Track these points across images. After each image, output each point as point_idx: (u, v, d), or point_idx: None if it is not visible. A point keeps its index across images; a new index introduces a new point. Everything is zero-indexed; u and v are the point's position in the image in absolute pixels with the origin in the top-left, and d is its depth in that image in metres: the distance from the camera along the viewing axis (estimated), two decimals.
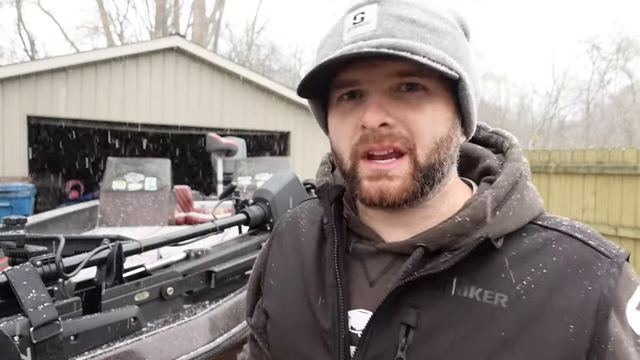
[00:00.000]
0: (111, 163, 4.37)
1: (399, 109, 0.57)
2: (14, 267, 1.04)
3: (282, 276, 0.72)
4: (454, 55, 0.57)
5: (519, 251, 0.58)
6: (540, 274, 0.56)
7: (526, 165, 0.65)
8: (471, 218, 0.58)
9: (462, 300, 0.57)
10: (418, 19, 0.56)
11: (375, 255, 0.64)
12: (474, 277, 0.57)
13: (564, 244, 0.58)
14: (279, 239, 0.77)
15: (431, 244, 0.59)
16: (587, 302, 0.53)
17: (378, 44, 0.54)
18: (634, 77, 23.20)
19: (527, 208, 0.61)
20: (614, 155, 5.48)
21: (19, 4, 19.74)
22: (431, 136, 0.57)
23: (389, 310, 0.58)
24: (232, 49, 23.96)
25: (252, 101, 9.98)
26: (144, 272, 1.40)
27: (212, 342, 1.22)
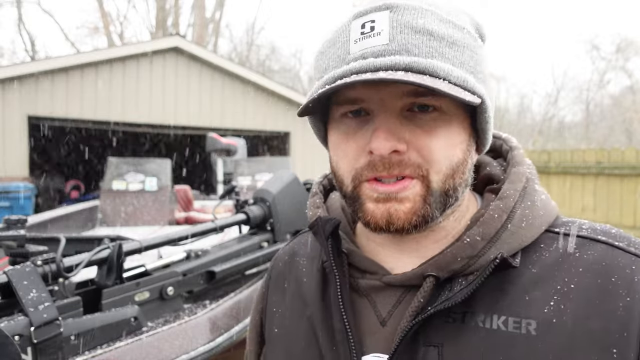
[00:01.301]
0: (111, 163, 4.37)
1: (411, 132, 0.51)
2: (14, 266, 1.05)
3: (287, 324, 0.65)
4: (474, 72, 0.52)
5: (540, 266, 0.51)
6: (567, 290, 0.49)
7: (531, 167, 0.59)
8: (482, 236, 0.52)
9: (485, 332, 0.49)
10: (436, 30, 0.50)
11: (382, 290, 0.57)
12: (494, 303, 0.50)
13: (588, 250, 0.51)
14: (276, 281, 0.70)
15: (442, 271, 0.52)
16: (627, 318, 0.46)
17: (392, 63, 0.48)
18: (633, 77, 23.20)
19: (541, 215, 0.54)
20: (613, 156, 5.49)
21: (19, 4, 19.75)
22: (447, 161, 0.51)
23: (406, 352, 0.51)
24: (232, 49, 23.97)
25: (252, 101, 9.98)
26: (144, 272, 1.40)
27: (212, 342, 1.22)
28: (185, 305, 1.47)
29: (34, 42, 20.93)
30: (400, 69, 0.48)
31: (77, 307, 1.13)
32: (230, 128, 9.63)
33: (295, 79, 25.14)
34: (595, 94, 24.23)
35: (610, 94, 24.31)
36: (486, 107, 0.53)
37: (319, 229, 0.60)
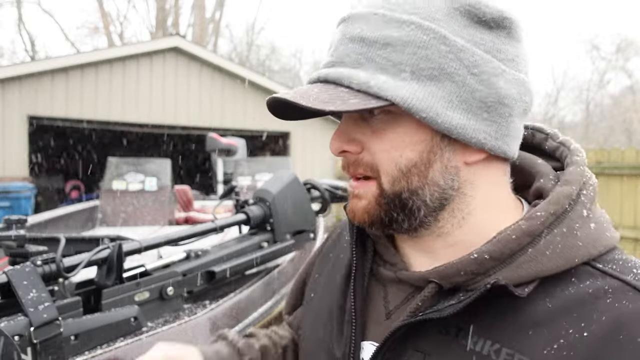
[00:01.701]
0: (111, 163, 4.37)
1: (364, 134, 0.53)
2: (14, 266, 1.05)
3: (320, 293, 0.69)
4: (412, 68, 0.48)
5: (558, 301, 0.46)
6: (578, 337, 0.44)
7: (590, 188, 0.52)
8: (490, 255, 0.49)
9: (473, 355, 0.47)
10: (369, 35, 0.49)
11: (396, 283, 0.57)
12: (493, 328, 0.48)
13: (623, 299, 0.44)
14: (327, 250, 0.74)
15: (444, 281, 0.51)
16: None
17: (318, 76, 0.52)
18: (633, 77, 23.20)
19: (578, 246, 0.48)
20: (613, 156, 5.49)
21: (19, 4, 19.75)
22: (393, 163, 0.51)
23: (393, 349, 0.52)
24: (232, 49, 23.97)
25: (252, 101, 9.98)
26: (144, 272, 1.40)
27: None
28: (185, 305, 1.47)
29: (34, 42, 20.93)
30: (321, 80, 0.52)
31: (77, 307, 1.13)
32: (230, 128, 9.63)
33: (295, 79, 25.14)
34: (595, 94, 24.23)
35: (610, 94, 24.31)
36: (410, 108, 0.48)
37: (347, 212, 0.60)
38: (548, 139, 0.61)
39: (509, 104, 0.51)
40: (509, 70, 0.51)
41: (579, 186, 0.51)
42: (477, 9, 0.50)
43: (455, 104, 0.49)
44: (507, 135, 0.52)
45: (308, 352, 0.66)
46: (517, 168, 0.58)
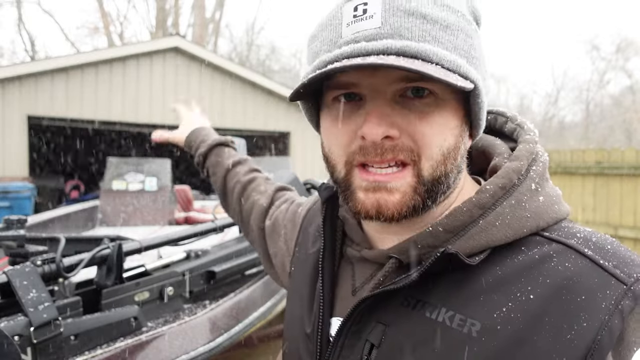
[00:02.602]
0: (111, 163, 4.37)
1: (404, 118, 0.50)
2: (14, 266, 1.04)
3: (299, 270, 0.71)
4: (468, 57, 0.50)
5: (507, 269, 0.48)
6: (524, 300, 0.46)
7: (540, 164, 0.54)
8: (444, 227, 0.51)
9: (429, 323, 0.49)
10: (429, 12, 0.48)
11: (362, 262, 0.60)
12: (448, 297, 0.50)
13: (566, 262, 0.47)
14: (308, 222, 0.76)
15: (403, 255, 0.53)
16: (575, 344, 0.43)
17: (384, 48, 0.47)
18: (633, 77, 23.20)
19: (526, 217, 0.50)
20: (613, 156, 5.49)
21: (19, 4, 19.75)
22: (438, 147, 0.50)
23: (359, 322, 0.54)
24: (232, 49, 23.97)
25: (252, 101, 9.98)
26: (144, 272, 1.40)
27: (212, 342, 1.22)
28: (185, 305, 1.47)
29: (33, 42, 20.93)
30: (392, 53, 0.47)
31: (77, 307, 1.13)
32: (230, 128, 9.63)
33: (295, 79, 25.13)
34: (595, 94, 24.24)
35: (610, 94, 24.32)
36: (479, 92, 0.51)
37: (320, 193, 0.64)
38: (507, 122, 0.63)
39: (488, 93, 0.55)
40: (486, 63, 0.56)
41: (527, 162, 0.53)
42: (476, 10, 0.54)
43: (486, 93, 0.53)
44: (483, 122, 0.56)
45: (288, 327, 0.69)
46: (480, 150, 0.61)
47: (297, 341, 0.64)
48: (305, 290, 0.65)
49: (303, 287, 0.67)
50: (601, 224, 5.63)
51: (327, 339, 0.59)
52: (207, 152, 1.05)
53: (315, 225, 0.72)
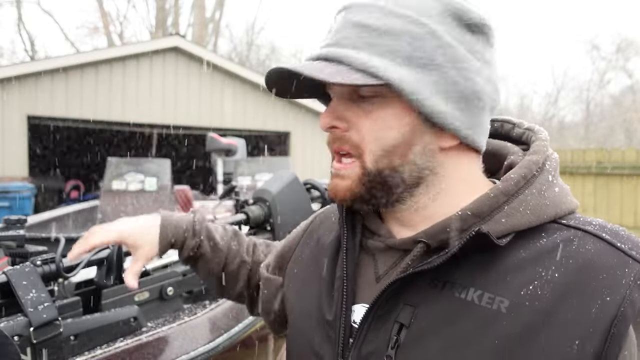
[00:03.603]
0: (111, 163, 4.37)
1: (354, 114, 0.58)
2: (14, 266, 1.04)
3: (305, 267, 0.75)
4: (409, 57, 0.54)
5: (531, 251, 0.53)
6: (551, 278, 0.50)
7: (553, 160, 0.59)
8: (472, 212, 0.55)
9: (459, 302, 0.53)
10: (371, 23, 0.55)
11: (385, 251, 0.63)
12: (476, 277, 0.53)
13: (586, 245, 0.52)
14: (311, 233, 0.79)
15: (432, 239, 0.57)
16: (600, 316, 0.47)
17: (317, 55, 0.57)
18: (633, 77, 23.21)
19: (546, 205, 0.55)
20: (613, 156, 5.49)
21: (19, 4, 19.75)
22: (378, 142, 0.56)
23: (385, 306, 0.57)
24: (232, 49, 23.97)
25: (252, 101, 9.98)
26: (144, 272, 1.40)
27: (212, 342, 1.22)
28: (185, 305, 1.47)
29: (33, 42, 20.94)
30: (321, 58, 0.57)
31: (76, 307, 1.12)
32: (230, 128, 9.63)
33: None
34: (596, 94, 24.24)
35: (610, 94, 24.32)
36: (402, 90, 0.53)
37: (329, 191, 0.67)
38: (515, 128, 0.68)
39: (483, 99, 0.57)
40: (485, 70, 0.58)
41: (544, 156, 0.59)
42: (464, 13, 0.56)
43: (439, 92, 0.55)
44: (478, 126, 0.59)
45: (297, 321, 0.71)
46: (490, 154, 0.65)
47: (312, 331, 0.66)
48: (325, 280, 0.67)
49: (318, 279, 0.69)
50: None
51: (349, 325, 0.61)
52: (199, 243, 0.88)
53: (323, 230, 0.76)
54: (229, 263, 0.89)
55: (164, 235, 0.86)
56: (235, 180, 4.90)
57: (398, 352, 0.55)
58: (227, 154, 5.65)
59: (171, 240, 0.87)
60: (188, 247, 0.88)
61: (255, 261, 0.91)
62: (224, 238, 0.91)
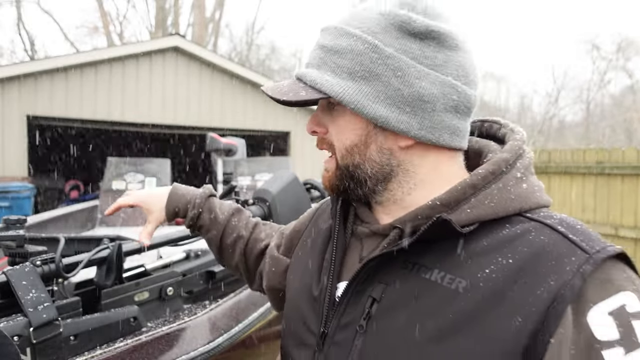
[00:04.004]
0: (111, 163, 4.37)
1: (327, 120, 0.70)
2: (13, 267, 1.04)
3: (306, 251, 0.83)
4: (352, 72, 0.62)
5: (493, 240, 0.58)
6: (506, 263, 0.56)
7: (525, 159, 0.65)
8: (441, 202, 0.62)
9: (424, 282, 0.60)
10: (328, 44, 0.65)
11: (370, 237, 0.71)
12: (441, 261, 0.60)
13: (542, 235, 0.57)
14: (316, 220, 0.88)
15: (406, 225, 0.64)
16: (543, 297, 0.52)
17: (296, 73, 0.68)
18: (634, 77, 23.21)
19: (511, 199, 0.60)
20: (614, 155, 5.48)
21: (18, 4, 19.74)
22: (340, 142, 0.68)
23: (363, 283, 0.65)
24: (232, 49, 23.97)
25: (252, 101, 9.98)
26: (144, 272, 1.39)
27: (212, 342, 1.21)
28: (185, 306, 1.47)
29: (33, 42, 20.93)
30: (296, 77, 0.68)
31: (76, 307, 1.12)
32: (230, 128, 9.62)
33: None
34: (596, 94, 24.24)
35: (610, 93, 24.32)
36: (342, 100, 0.62)
37: None
38: (501, 128, 0.74)
39: (430, 101, 0.62)
40: (434, 73, 0.62)
41: (515, 155, 0.64)
42: (407, 24, 0.62)
43: (381, 99, 0.62)
44: (433, 127, 0.63)
45: (293, 296, 0.80)
46: (477, 152, 0.72)
47: (303, 306, 0.75)
48: (314, 261, 0.77)
49: (310, 259, 0.78)
50: (602, 224, 5.62)
51: (333, 300, 0.69)
52: (199, 214, 1.00)
53: (322, 220, 0.84)
54: (225, 235, 1.00)
55: (170, 203, 1.02)
56: (235, 180, 4.90)
57: (369, 322, 0.63)
58: (227, 154, 5.64)
59: (175, 208, 1.02)
60: (189, 216, 1.01)
61: (255, 238, 1.00)
62: (224, 213, 1.01)
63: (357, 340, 0.63)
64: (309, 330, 0.72)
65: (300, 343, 0.73)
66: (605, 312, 0.50)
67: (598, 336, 0.49)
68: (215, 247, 1.03)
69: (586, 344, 0.49)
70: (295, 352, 0.75)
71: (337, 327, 0.66)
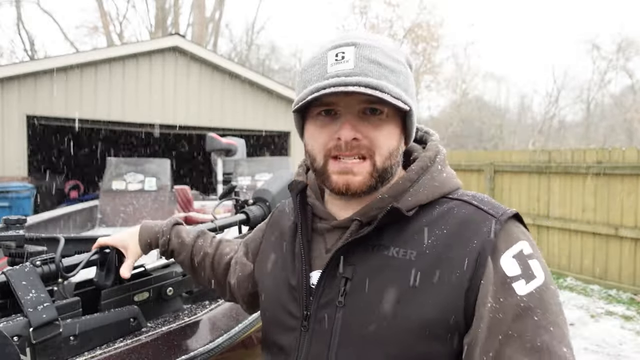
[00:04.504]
0: (111, 163, 4.37)
1: (365, 127, 0.77)
2: (13, 267, 1.04)
3: (271, 251, 0.96)
4: (406, 90, 0.78)
5: (429, 217, 0.76)
6: (441, 233, 0.74)
7: (442, 154, 0.85)
8: (389, 194, 0.79)
9: (385, 257, 0.75)
10: (383, 61, 0.75)
11: (331, 231, 0.84)
12: (395, 239, 0.76)
13: (462, 209, 0.76)
14: (272, 223, 1.02)
15: (363, 217, 0.79)
16: (471, 252, 0.70)
17: (357, 81, 0.73)
18: (634, 76, 23.19)
19: (436, 186, 0.79)
20: (614, 155, 5.48)
21: (18, 4, 19.74)
22: (386, 147, 0.78)
23: (334, 268, 0.78)
24: (232, 49, 23.98)
25: (252, 101, 9.98)
26: (144, 272, 1.39)
27: (212, 342, 1.21)
28: (185, 306, 1.47)
29: (33, 42, 20.94)
30: (362, 85, 0.73)
31: (76, 307, 1.12)
32: (230, 128, 9.62)
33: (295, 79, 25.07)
34: (596, 94, 24.23)
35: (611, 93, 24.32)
36: (412, 114, 0.79)
37: (293, 188, 0.91)
38: (418, 131, 0.92)
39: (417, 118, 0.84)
40: None
41: (434, 153, 0.84)
42: (409, 61, 0.83)
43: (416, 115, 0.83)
44: None
45: (270, 290, 0.91)
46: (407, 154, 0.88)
47: (282, 296, 0.86)
48: (287, 256, 0.88)
49: (279, 256, 0.91)
50: (602, 224, 5.62)
51: (309, 287, 0.81)
52: (168, 240, 1.15)
53: (282, 222, 0.97)
54: (194, 255, 1.14)
55: (142, 237, 1.18)
56: (235, 180, 4.90)
57: (346, 298, 0.76)
58: (227, 154, 5.65)
59: (147, 240, 1.17)
60: (160, 244, 1.16)
61: (220, 253, 1.13)
62: (190, 236, 1.16)
63: (337, 314, 0.76)
64: (290, 314, 0.83)
65: (284, 328, 0.84)
66: (510, 256, 0.69)
67: (508, 273, 0.68)
68: (187, 268, 1.16)
69: (502, 280, 0.68)
70: (280, 337, 0.85)
71: (318, 308, 0.79)
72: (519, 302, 0.66)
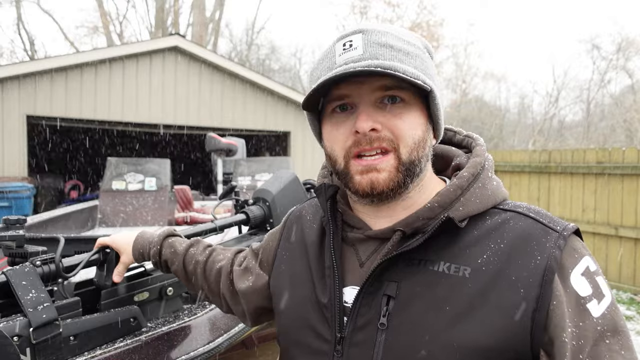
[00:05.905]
0: (111, 163, 4.37)
1: (384, 117, 0.70)
2: (13, 267, 1.04)
3: (291, 263, 0.86)
4: (425, 72, 0.71)
5: (481, 230, 0.69)
6: (497, 248, 0.67)
7: (489, 160, 0.77)
8: (439, 204, 0.71)
9: (433, 274, 0.68)
10: (394, 44, 0.69)
11: (365, 241, 0.76)
12: (444, 254, 0.68)
13: (519, 222, 0.69)
14: (288, 231, 0.92)
15: (408, 227, 0.71)
16: (535, 270, 0.64)
17: (366, 65, 0.66)
18: (634, 76, 23.18)
19: (489, 195, 0.72)
20: (614, 155, 5.48)
21: (18, 4, 19.74)
22: (410, 137, 0.70)
23: (373, 285, 0.70)
24: (232, 49, 23.98)
25: (252, 101, 9.97)
26: (144, 272, 1.39)
27: (212, 342, 1.21)
28: (185, 306, 1.47)
29: (33, 42, 20.94)
30: (372, 66, 0.66)
31: (76, 307, 1.12)
32: (230, 128, 9.62)
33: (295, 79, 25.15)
34: (596, 94, 24.22)
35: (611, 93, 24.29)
36: (435, 95, 0.71)
37: (322, 192, 0.80)
38: (456, 135, 0.85)
39: None
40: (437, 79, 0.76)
41: (484, 158, 0.76)
42: (428, 47, 0.76)
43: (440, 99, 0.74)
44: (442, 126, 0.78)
45: (292, 307, 0.82)
46: (438, 156, 0.83)
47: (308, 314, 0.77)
48: (314, 270, 0.79)
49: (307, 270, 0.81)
50: (602, 224, 5.62)
51: (342, 305, 0.73)
52: (160, 250, 1.11)
53: (300, 230, 0.88)
54: (186, 264, 1.08)
55: (135, 247, 1.15)
56: (235, 180, 4.90)
57: (389, 318, 0.68)
58: (227, 154, 5.64)
59: (140, 250, 1.13)
60: (151, 254, 1.12)
61: (212, 260, 1.07)
62: (182, 245, 1.10)
63: (379, 337, 0.68)
64: (320, 337, 0.74)
65: (312, 352, 0.75)
66: (579, 274, 0.64)
67: (581, 293, 0.63)
68: (182, 278, 1.11)
69: (576, 301, 0.62)
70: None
71: (354, 330, 0.70)
72: (596, 326, 0.61)
